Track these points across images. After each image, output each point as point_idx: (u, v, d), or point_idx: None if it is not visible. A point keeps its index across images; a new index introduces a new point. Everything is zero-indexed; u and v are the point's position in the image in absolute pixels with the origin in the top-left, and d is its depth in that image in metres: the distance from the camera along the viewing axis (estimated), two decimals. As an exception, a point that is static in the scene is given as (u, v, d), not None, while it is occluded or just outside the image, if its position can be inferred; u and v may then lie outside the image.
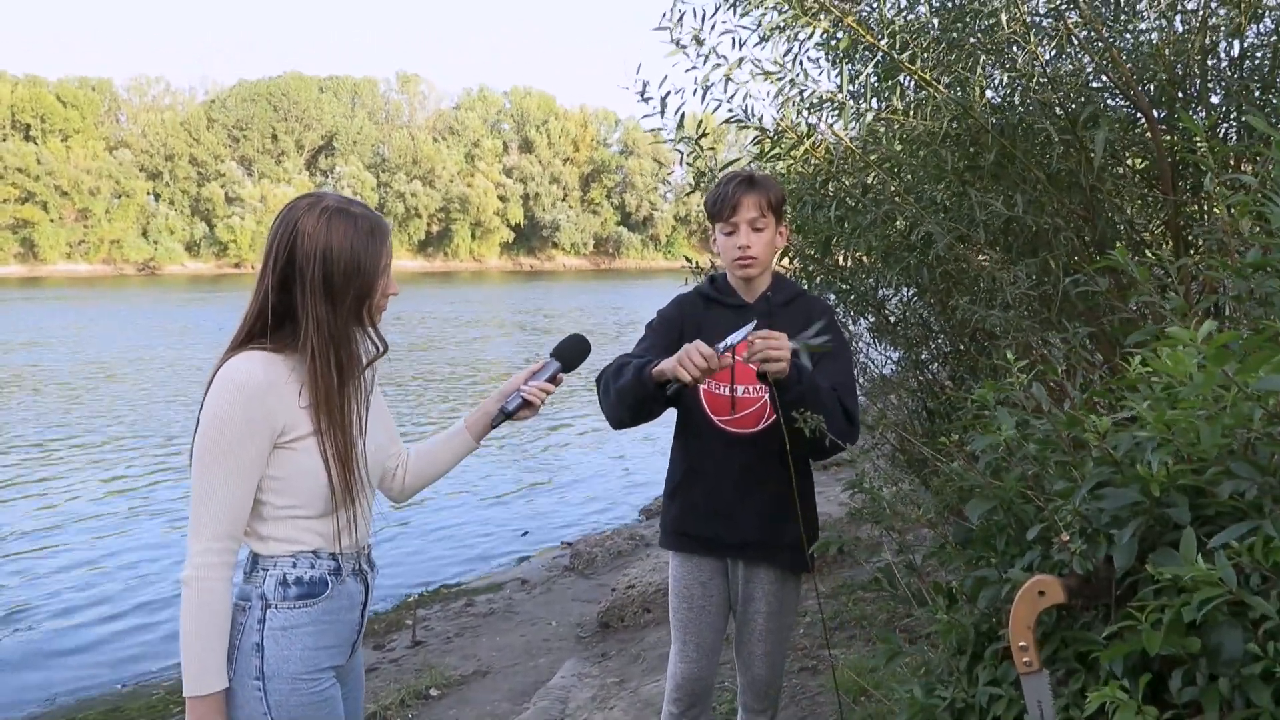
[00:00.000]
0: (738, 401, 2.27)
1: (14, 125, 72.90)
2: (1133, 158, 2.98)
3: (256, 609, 1.66)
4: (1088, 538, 1.16)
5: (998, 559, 1.33)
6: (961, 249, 2.68)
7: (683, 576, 2.34)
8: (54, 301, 36.59)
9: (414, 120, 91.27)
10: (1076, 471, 1.21)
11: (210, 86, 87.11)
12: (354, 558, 1.77)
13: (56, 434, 11.96)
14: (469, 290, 49.85)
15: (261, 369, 1.62)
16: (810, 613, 4.17)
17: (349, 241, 1.64)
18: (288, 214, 1.68)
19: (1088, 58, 2.79)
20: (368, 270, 1.67)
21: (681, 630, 2.34)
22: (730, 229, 2.26)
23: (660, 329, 2.37)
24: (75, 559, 7.21)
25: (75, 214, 72.67)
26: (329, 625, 1.71)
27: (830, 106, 2.79)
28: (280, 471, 1.65)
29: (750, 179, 2.27)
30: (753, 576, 2.30)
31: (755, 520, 2.24)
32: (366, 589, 1.81)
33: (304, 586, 1.69)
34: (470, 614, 5.71)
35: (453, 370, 17.93)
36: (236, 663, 1.64)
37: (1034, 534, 1.22)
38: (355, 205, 1.71)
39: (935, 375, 3.77)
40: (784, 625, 2.35)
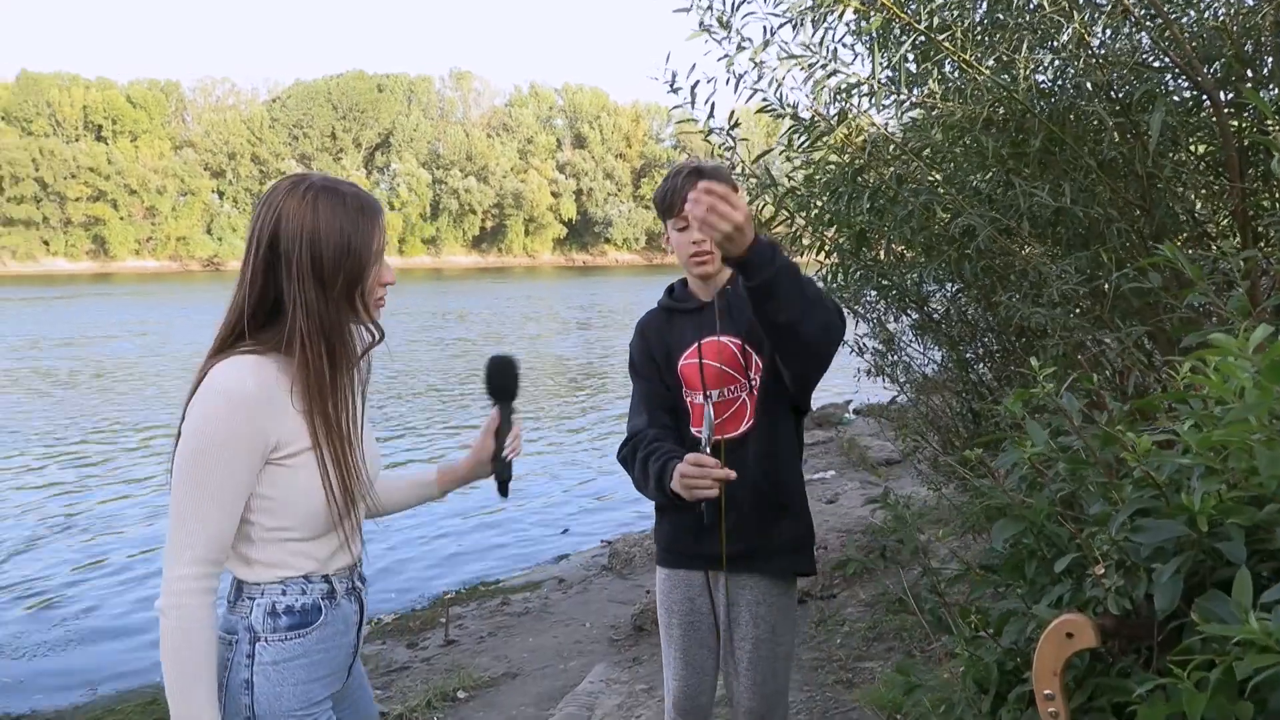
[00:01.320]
0: (712, 407, 2.13)
1: (86, 126, 75.44)
2: (1196, 143, 2.76)
3: (244, 643, 1.52)
4: (1126, 571, 1.01)
5: (1026, 588, 1.18)
6: (1005, 241, 2.50)
7: (670, 591, 2.23)
8: (126, 297, 37.77)
9: (468, 117, 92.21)
10: (1116, 494, 1.06)
11: (272, 86, 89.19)
12: (348, 577, 1.64)
13: (146, 422, 12.27)
14: (524, 285, 50.16)
15: (252, 377, 1.47)
16: (848, 622, 4.01)
17: (337, 222, 1.50)
18: (269, 196, 1.54)
19: (1144, 35, 2.58)
20: (359, 251, 1.52)
21: (673, 647, 2.23)
22: (683, 224, 2.12)
23: (640, 371, 2.27)
24: (129, 543, 7.34)
25: (143, 211, 75.03)
26: (323, 654, 1.58)
27: (862, 91, 2.63)
28: (272, 490, 1.50)
29: (699, 169, 2.14)
30: (738, 598, 2.16)
31: (744, 527, 2.11)
32: (361, 607, 1.68)
33: (295, 616, 1.54)
34: (505, 613, 5.65)
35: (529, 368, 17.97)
36: (225, 703, 1.50)
37: (1064, 564, 1.07)
38: (343, 184, 1.55)
39: (981, 376, 3.58)
40: (778, 652, 2.18)
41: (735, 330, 2.16)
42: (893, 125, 2.94)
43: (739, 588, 2.16)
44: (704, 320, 2.19)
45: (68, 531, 7.86)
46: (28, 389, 15.52)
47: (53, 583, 6.63)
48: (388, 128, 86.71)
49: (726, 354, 2.16)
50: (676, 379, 2.20)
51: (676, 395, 2.21)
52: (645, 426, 2.19)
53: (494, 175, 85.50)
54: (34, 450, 10.97)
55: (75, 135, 74.39)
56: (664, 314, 2.28)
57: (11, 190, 69.67)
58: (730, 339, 2.16)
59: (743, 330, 2.15)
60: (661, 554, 2.26)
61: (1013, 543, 1.27)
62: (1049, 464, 1.23)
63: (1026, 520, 1.22)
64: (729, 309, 2.17)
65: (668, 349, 2.22)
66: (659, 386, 2.22)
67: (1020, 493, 1.24)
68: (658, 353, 2.22)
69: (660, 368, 2.22)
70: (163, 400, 14.00)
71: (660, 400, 2.21)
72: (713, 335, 2.16)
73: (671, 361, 2.21)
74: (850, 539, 4.65)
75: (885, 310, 3.66)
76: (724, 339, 2.16)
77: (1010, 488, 1.37)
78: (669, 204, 2.15)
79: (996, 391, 3.42)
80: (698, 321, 2.19)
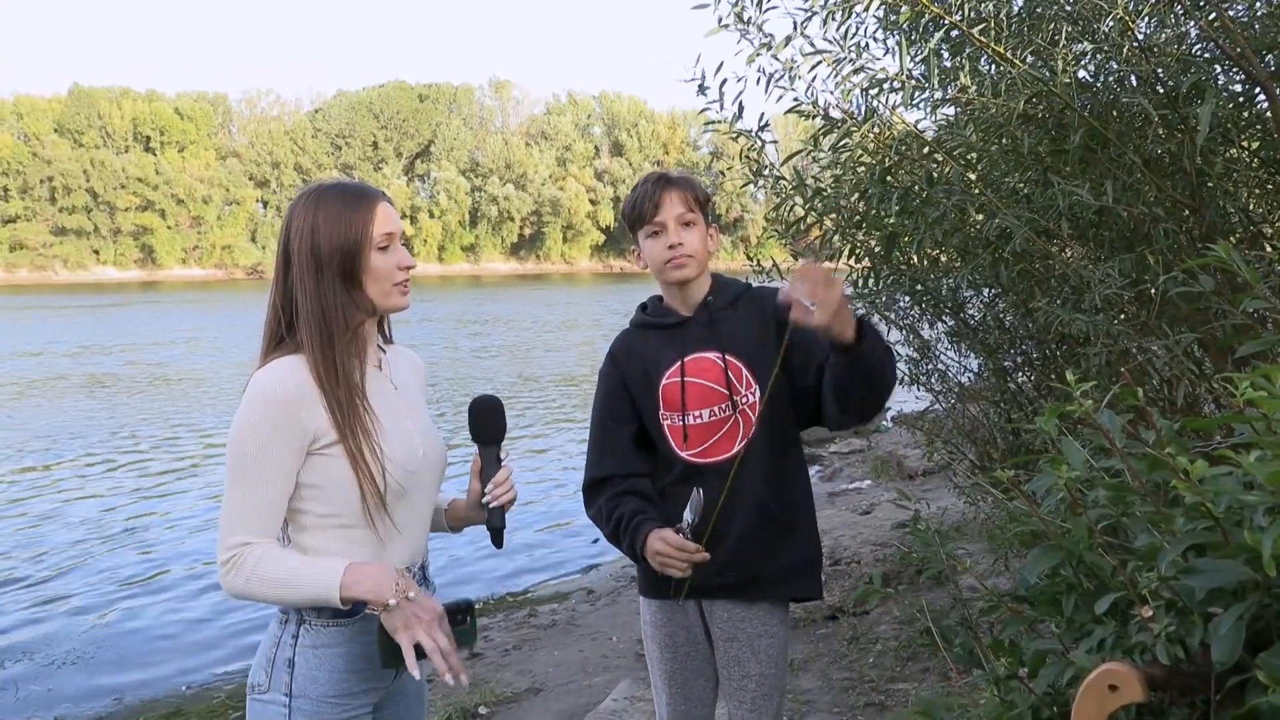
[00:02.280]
0: (690, 430, 2.02)
1: (136, 137, 77.18)
2: (1249, 139, 2.60)
3: (292, 623, 1.62)
4: (1178, 614, 0.89)
5: (1064, 627, 1.05)
6: (1043, 244, 2.36)
7: (664, 623, 2.09)
8: (175, 305, 38.50)
9: (507, 125, 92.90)
10: (1165, 527, 0.93)
11: (315, 97, 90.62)
12: None
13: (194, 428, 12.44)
14: (563, 291, 50.33)
15: (290, 375, 1.58)
16: (881, 640, 3.86)
17: (334, 210, 1.61)
18: (288, 208, 1.68)
19: (1192, 25, 2.43)
20: (353, 231, 1.60)
21: (667, 680, 2.10)
22: (656, 229, 2.01)
23: (609, 407, 2.10)
24: (159, 555, 7.39)
25: (190, 221, 76.49)
26: (364, 648, 1.61)
27: (893, 87, 2.51)
28: (317, 479, 1.59)
29: (667, 177, 2.05)
30: (736, 632, 2.02)
31: (744, 553, 1.98)
32: None
33: None
34: (532, 625, 5.56)
35: (556, 374, 17.92)
36: (271, 677, 1.61)
37: (1106, 605, 0.94)
38: (349, 181, 1.68)
39: (1020, 385, 3.43)
40: (779, 685, 2.06)
41: (719, 346, 2.03)
42: (925, 123, 2.82)
43: (737, 619, 2.02)
44: (686, 336, 2.05)
45: (121, 537, 7.94)
46: (87, 394, 15.81)
47: (99, 590, 6.68)
48: (428, 137, 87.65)
49: (712, 372, 2.03)
50: (654, 401, 2.06)
51: (651, 418, 2.07)
52: (612, 473, 2.05)
53: (532, 183, 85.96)
54: (97, 453, 11.14)
55: (125, 146, 76.13)
56: (639, 332, 2.14)
57: (63, 201, 71.45)
58: (714, 355, 2.03)
59: (726, 346, 2.02)
60: (648, 585, 2.11)
61: (1049, 573, 1.15)
62: (1088, 487, 1.11)
63: (1064, 550, 1.09)
64: (711, 323, 2.05)
65: (645, 369, 2.07)
66: (627, 426, 2.07)
67: (1058, 518, 1.12)
68: (634, 376, 2.08)
69: (634, 396, 2.08)
70: (216, 405, 14.17)
71: (626, 442, 2.07)
72: (696, 352, 2.04)
73: (651, 382, 2.06)
74: (884, 552, 4.50)
75: (919, 316, 3.52)
76: (708, 355, 2.03)
77: (1046, 513, 1.24)
78: (639, 212, 2.03)
79: (1036, 401, 3.27)
80: (679, 337, 2.06)
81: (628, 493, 2.04)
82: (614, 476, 2.07)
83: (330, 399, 1.57)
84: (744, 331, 2.04)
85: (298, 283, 1.60)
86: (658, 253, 2.02)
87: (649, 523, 1.95)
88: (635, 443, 2.08)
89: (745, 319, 2.05)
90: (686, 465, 2.03)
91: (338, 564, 1.53)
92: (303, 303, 1.60)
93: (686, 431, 2.03)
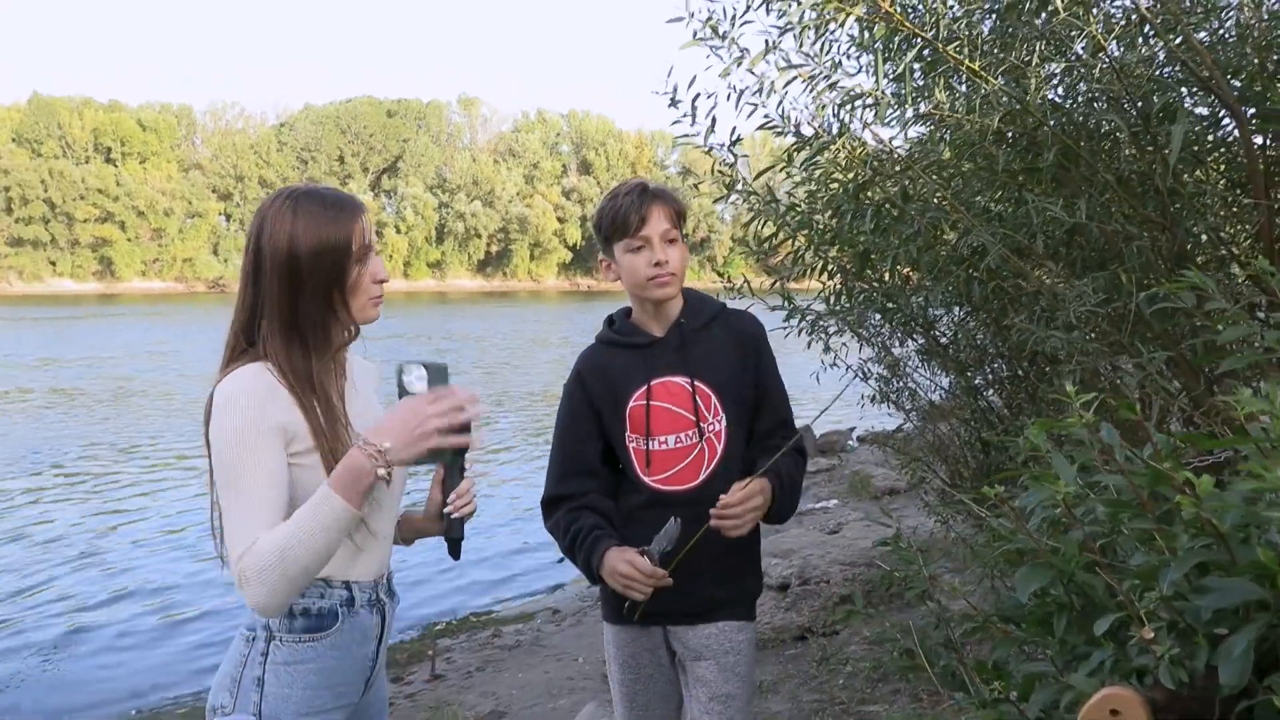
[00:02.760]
0: (654, 456, 1.97)
1: (96, 148, 75.93)
2: (1216, 162, 2.62)
3: (260, 640, 1.56)
4: (1180, 635, 0.86)
5: (1056, 649, 1.02)
6: (1017, 262, 2.36)
7: (626, 643, 2.03)
8: (135, 318, 37.70)
9: (475, 142, 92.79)
10: (1164, 543, 0.90)
11: (282, 111, 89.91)
12: (370, 587, 1.64)
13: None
14: (530, 309, 50.16)
15: (254, 378, 1.52)
16: (851, 661, 3.83)
17: (315, 221, 1.54)
18: (257, 212, 1.59)
19: (1160, 46, 2.45)
20: (336, 247, 1.55)
21: (628, 703, 2.05)
22: (639, 244, 1.92)
23: (572, 425, 2.04)
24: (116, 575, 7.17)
25: (150, 233, 75.27)
26: (337, 662, 1.59)
27: (866, 103, 2.49)
28: (293, 491, 1.53)
29: (650, 188, 1.98)
30: (703, 650, 1.97)
31: (708, 580, 1.93)
32: (384, 621, 1.67)
33: (311, 619, 1.57)
34: (495, 645, 5.46)
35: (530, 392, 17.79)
36: (237, 698, 1.55)
37: (1105, 626, 0.91)
38: (324, 189, 1.61)
39: (991, 403, 3.42)
40: (748, 710, 2.02)
41: (688, 371, 1.97)
42: (898, 141, 2.81)
43: (704, 637, 1.97)
44: (655, 358, 1.99)
45: (99, 547, 7.79)
46: (49, 408, 15.43)
47: (84, 600, 6.55)
48: (396, 152, 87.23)
49: (680, 397, 1.97)
50: (621, 422, 2.00)
51: (617, 439, 2.01)
52: (571, 492, 2.00)
53: (500, 200, 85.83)
54: (56, 468, 10.85)
55: (85, 157, 74.86)
56: (606, 349, 2.06)
57: (20, 211, 69.98)
58: (683, 380, 1.97)
59: (697, 371, 1.97)
60: (609, 610, 2.05)
61: (1038, 594, 1.11)
62: (1079, 504, 1.08)
63: (1055, 568, 1.06)
64: (683, 345, 1.98)
65: (614, 389, 2.00)
66: (589, 445, 2.02)
67: (1045, 536, 1.08)
68: (600, 395, 2.01)
69: (602, 414, 2.02)
70: (184, 416, 13.87)
71: (587, 461, 2.02)
72: (665, 375, 1.98)
73: (618, 403, 2.00)
74: (854, 571, 4.47)
75: (890, 334, 3.51)
76: (676, 379, 1.97)
77: (1033, 530, 1.21)
78: (622, 224, 1.93)
79: (1007, 420, 3.27)
80: (648, 359, 1.99)
81: (586, 508, 1.99)
82: (573, 495, 2.02)
83: (308, 412, 1.53)
84: (716, 356, 1.99)
85: (269, 292, 1.54)
86: (640, 269, 1.93)
87: (606, 539, 1.91)
88: (600, 461, 2.03)
89: (719, 342, 2.00)
90: (652, 491, 1.98)
91: (318, 492, 1.46)
92: (273, 313, 1.54)
93: (650, 457, 1.97)
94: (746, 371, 1.99)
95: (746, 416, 1.99)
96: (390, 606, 1.69)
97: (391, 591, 1.72)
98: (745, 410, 1.99)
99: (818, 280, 3.25)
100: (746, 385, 1.99)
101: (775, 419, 2.01)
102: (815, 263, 3.17)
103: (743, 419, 1.99)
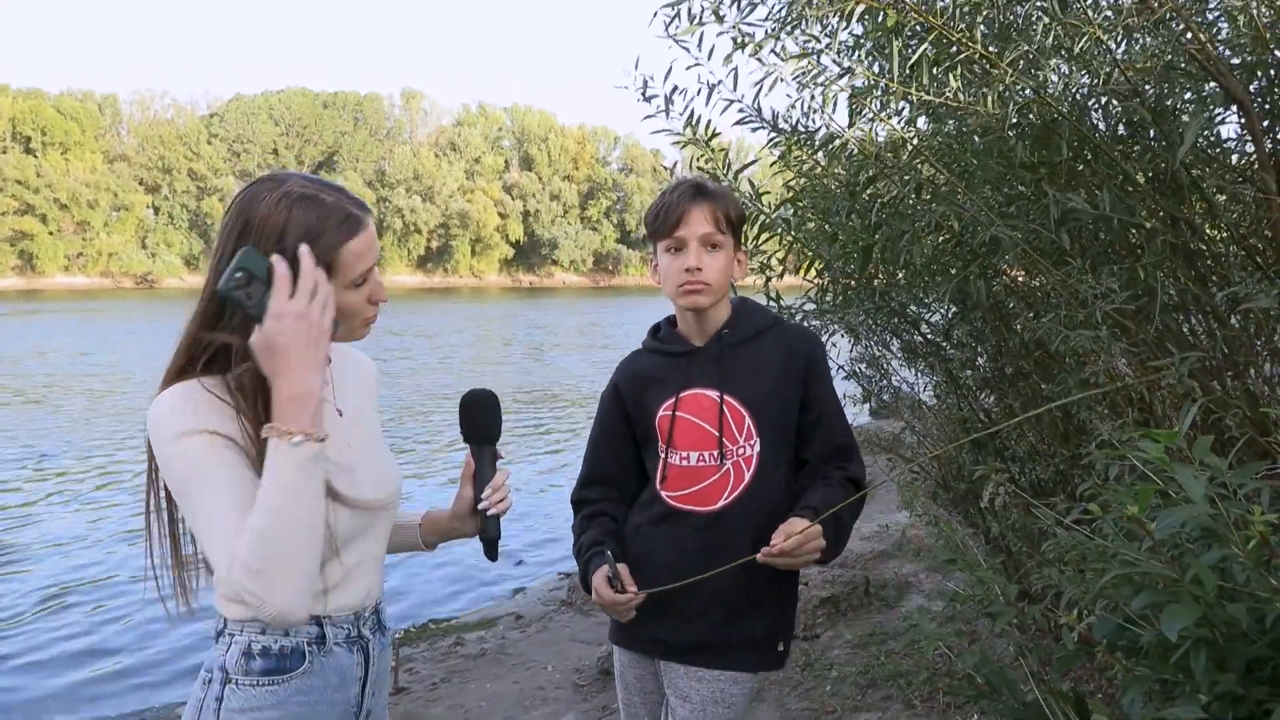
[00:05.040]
0: (671, 470, 1.84)
1: (14, 138, 72.94)
2: (1225, 154, 2.58)
3: (216, 683, 1.35)
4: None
5: (1205, 693, 0.91)
6: (1034, 257, 2.27)
7: (629, 665, 1.95)
8: (57, 315, 36.10)
9: (415, 136, 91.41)
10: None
11: (212, 101, 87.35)
12: (350, 622, 1.43)
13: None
14: (473, 306, 49.54)
15: (188, 391, 1.30)
16: (836, 666, 3.74)
17: (309, 224, 1.31)
18: (241, 201, 1.34)
19: (1164, 40, 2.40)
20: (330, 270, 1.32)
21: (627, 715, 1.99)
22: (675, 245, 1.80)
23: (606, 427, 1.96)
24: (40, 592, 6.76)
25: (74, 226, 72.51)
26: (305, 709, 1.37)
27: (873, 95, 2.39)
28: None
29: (701, 187, 1.83)
30: (691, 692, 1.82)
31: (709, 617, 1.81)
32: (367, 660, 1.45)
33: (272, 660, 1.36)
34: (460, 655, 5.26)
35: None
36: None
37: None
38: (328, 191, 1.35)
39: (981, 402, 3.37)
40: None
41: (719, 384, 1.83)
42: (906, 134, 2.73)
43: (694, 679, 1.82)
44: (690, 368, 1.86)
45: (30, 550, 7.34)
46: None
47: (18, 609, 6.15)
48: (332, 145, 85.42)
49: (709, 412, 1.83)
50: (651, 431, 1.88)
51: (647, 447, 1.90)
52: (592, 496, 1.96)
53: (440, 195, 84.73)
54: None
55: (2, 147, 71.74)
56: (645, 356, 1.96)
57: (-68, 203, 66.89)
58: (714, 393, 1.83)
59: (730, 386, 1.83)
60: (611, 629, 1.96)
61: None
62: (1212, 529, 0.97)
63: (1195, 598, 0.95)
64: (721, 357, 1.85)
65: (646, 396, 1.89)
66: (617, 449, 1.93)
67: (1179, 571, 0.98)
68: (634, 402, 1.91)
69: (633, 420, 1.92)
70: (112, 422, 13.28)
71: (611, 466, 1.95)
72: (696, 388, 1.85)
73: (649, 411, 1.88)
74: (832, 574, 4.39)
75: (880, 333, 3.43)
76: (707, 392, 1.84)
77: (1114, 541, 1.11)
78: (660, 223, 1.81)
79: (999, 419, 3.21)
80: (682, 369, 1.87)
81: (599, 514, 1.92)
82: (591, 500, 1.96)
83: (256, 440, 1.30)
84: (756, 371, 1.83)
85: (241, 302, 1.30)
86: (672, 272, 1.81)
87: (599, 556, 1.83)
88: (628, 468, 1.94)
89: (764, 357, 1.85)
90: (666, 507, 1.85)
91: (268, 451, 1.25)
92: (241, 333, 1.30)
93: (666, 471, 1.85)
94: (791, 391, 1.83)
95: (788, 440, 1.84)
96: (377, 643, 1.49)
97: (380, 625, 1.51)
98: (786, 433, 1.84)
99: (805, 279, 3.16)
100: (790, 406, 1.83)
101: (830, 445, 1.85)
102: (804, 262, 3.07)
103: (782, 443, 1.83)
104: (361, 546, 1.44)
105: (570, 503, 2.01)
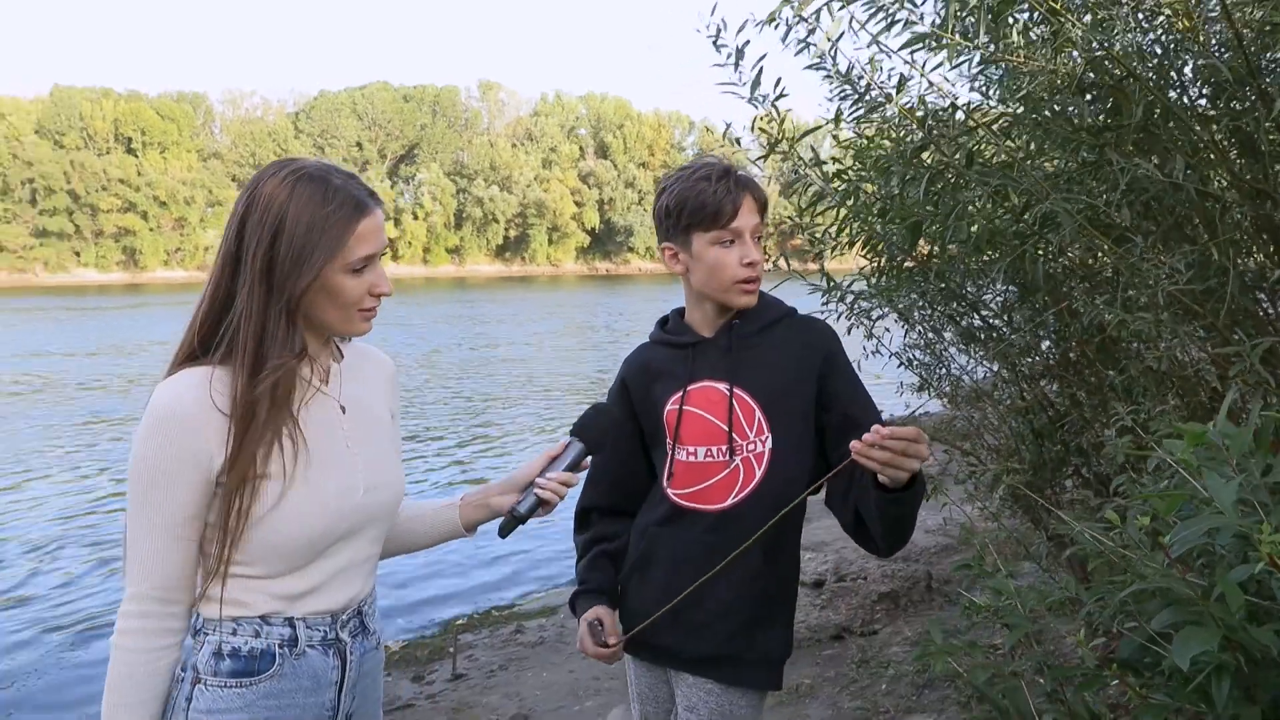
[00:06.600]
0: (679, 467, 1.75)
1: (117, 139, 76.31)
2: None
3: (186, 683, 1.35)
4: None
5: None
6: (1093, 233, 2.10)
7: (641, 675, 1.87)
8: (161, 307, 37.76)
9: (493, 127, 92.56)
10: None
11: (298, 98, 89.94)
12: (325, 624, 1.41)
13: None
14: (551, 294, 50.01)
15: (191, 394, 1.31)
16: (893, 664, 3.60)
17: (309, 212, 1.31)
18: (252, 181, 1.36)
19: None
20: (321, 251, 1.30)
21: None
22: (730, 238, 1.69)
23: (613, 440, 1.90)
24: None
25: (172, 222, 75.68)
26: (275, 712, 1.35)
27: (930, 46, 2.22)
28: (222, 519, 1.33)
29: (741, 175, 1.72)
30: (698, 704, 1.73)
31: (720, 628, 1.71)
32: (344, 663, 1.41)
33: (240, 661, 1.35)
34: (519, 642, 5.27)
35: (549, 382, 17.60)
36: None
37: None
38: (336, 174, 1.34)
39: (1044, 390, 3.17)
40: None
41: (729, 377, 1.73)
42: (967, 93, 2.55)
43: (704, 691, 1.73)
44: (698, 359, 1.77)
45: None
46: (95, 396, 15.36)
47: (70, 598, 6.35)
48: (413, 138, 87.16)
49: (718, 406, 1.73)
50: (658, 427, 1.80)
51: (654, 444, 1.82)
52: (595, 504, 1.90)
53: (518, 184, 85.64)
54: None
55: (106, 148, 75.27)
56: (651, 349, 1.88)
57: (45, 203, 70.51)
58: (724, 386, 1.74)
59: (740, 378, 1.73)
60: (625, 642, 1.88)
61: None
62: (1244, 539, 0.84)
63: (1216, 620, 0.83)
64: (731, 349, 1.75)
65: (653, 391, 1.81)
66: (622, 452, 1.85)
67: (1202, 590, 0.85)
68: (640, 398, 1.83)
69: (640, 418, 1.84)
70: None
71: (615, 471, 1.87)
72: (705, 380, 1.76)
73: (655, 406, 1.80)
74: (891, 568, 4.24)
75: (936, 317, 3.26)
76: (717, 385, 1.74)
77: (1133, 548, 0.99)
78: (714, 212, 1.68)
79: (1065, 410, 3.01)
80: (690, 361, 1.77)
81: (598, 539, 1.88)
82: (597, 508, 1.90)
83: (244, 435, 1.32)
84: (769, 364, 1.73)
85: (242, 289, 1.32)
86: (729, 268, 1.70)
87: (586, 595, 1.84)
88: (634, 470, 1.86)
89: (778, 350, 1.75)
90: (672, 506, 1.77)
91: None
92: (243, 320, 1.32)
93: (673, 467, 1.76)
94: (806, 386, 1.72)
95: (804, 439, 1.72)
96: (356, 646, 1.44)
97: (364, 628, 1.46)
98: (801, 431, 1.72)
99: (860, 256, 3.01)
100: (806, 402, 1.72)
101: None
102: (858, 235, 2.91)
103: (797, 441, 1.72)
104: (347, 550, 1.42)
105: (574, 515, 1.94)
